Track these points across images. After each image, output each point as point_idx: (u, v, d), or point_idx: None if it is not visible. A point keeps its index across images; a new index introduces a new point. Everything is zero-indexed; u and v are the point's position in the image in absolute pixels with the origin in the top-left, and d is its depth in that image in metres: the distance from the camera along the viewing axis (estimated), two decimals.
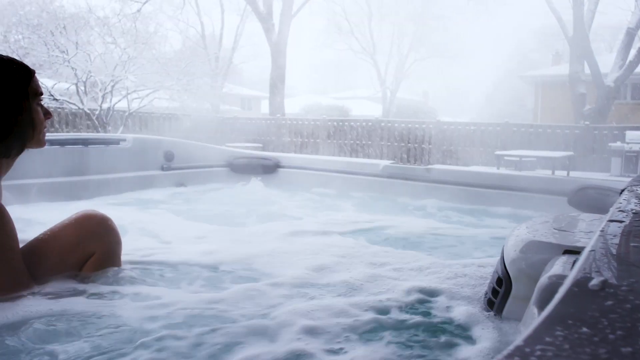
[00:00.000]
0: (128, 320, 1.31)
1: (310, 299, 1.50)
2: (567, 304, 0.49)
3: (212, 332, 1.27)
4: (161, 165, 4.11)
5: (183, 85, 13.69)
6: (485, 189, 3.62)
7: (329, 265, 1.83)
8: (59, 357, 1.13)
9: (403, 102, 30.81)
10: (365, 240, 2.32)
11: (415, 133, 12.73)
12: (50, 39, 11.37)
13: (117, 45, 12.55)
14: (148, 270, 1.71)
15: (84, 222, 1.57)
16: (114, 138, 3.92)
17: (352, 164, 4.27)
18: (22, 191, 3.02)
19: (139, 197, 3.63)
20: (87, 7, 13.38)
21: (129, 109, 12.31)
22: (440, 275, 1.70)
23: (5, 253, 1.36)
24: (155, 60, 13.29)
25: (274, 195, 3.89)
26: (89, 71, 11.34)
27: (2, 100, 1.39)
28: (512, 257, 1.35)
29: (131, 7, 15.99)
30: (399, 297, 1.51)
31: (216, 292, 1.54)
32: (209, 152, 4.50)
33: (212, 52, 21.62)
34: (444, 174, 3.79)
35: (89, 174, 3.58)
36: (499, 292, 1.38)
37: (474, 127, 12.14)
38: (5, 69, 1.42)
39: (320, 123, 14.05)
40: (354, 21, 30.94)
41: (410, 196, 3.76)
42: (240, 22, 23.73)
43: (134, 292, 1.51)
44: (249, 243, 2.17)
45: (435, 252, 2.02)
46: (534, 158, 9.12)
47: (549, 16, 16.43)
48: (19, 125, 1.44)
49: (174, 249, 1.98)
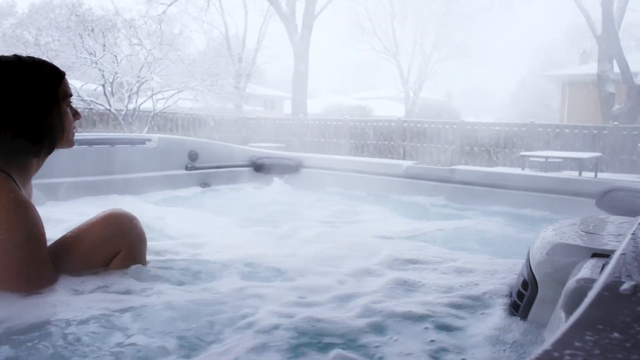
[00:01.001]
0: (152, 318, 1.32)
1: (333, 298, 1.50)
2: (597, 309, 0.48)
3: (235, 330, 1.28)
4: (185, 165, 4.16)
5: (207, 86, 13.84)
6: (510, 190, 3.57)
7: (352, 265, 1.83)
8: (83, 351, 1.15)
9: (426, 102, 30.55)
10: (387, 241, 2.31)
11: (438, 133, 12.62)
12: (79, 41, 11.62)
13: (142, 46, 12.75)
14: (173, 269, 1.74)
15: (111, 220, 1.59)
16: (139, 138, 3.98)
17: (374, 165, 4.26)
18: (52, 190, 3.10)
19: (163, 196, 3.68)
20: (114, 9, 13.64)
21: (154, 109, 12.50)
22: (464, 278, 1.68)
23: (32, 248, 1.39)
24: (180, 61, 13.46)
25: (296, 195, 3.90)
26: (116, 72, 11.56)
27: (33, 101, 1.43)
28: (539, 260, 1.33)
29: (157, 9, 16.27)
30: (422, 299, 1.50)
31: (240, 290, 1.55)
32: (233, 152, 4.53)
33: (235, 52, 21.81)
34: (468, 175, 3.75)
35: (116, 173, 3.65)
36: (524, 295, 1.36)
37: (499, 128, 11.97)
38: (36, 71, 1.45)
39: (342, 123, 14.03)
40: (376, 21, 30.83)
41: (433, 197, 3.73)
42: (263, 22, 23.87)
43: (159, 290, 1.53)
44: (272, 242, 2.18)
45: (459, 254, 2.00)
46: (560, 159, 8.94)
47: (577, 14, 16.11)
48: (49, 125, 1.48)
49: (198, 248, 2.00)
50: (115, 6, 13.83)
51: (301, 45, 18.61)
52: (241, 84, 19.15)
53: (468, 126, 12.40)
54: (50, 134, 1.49)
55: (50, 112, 1.47)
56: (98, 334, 1.23)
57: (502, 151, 11.75)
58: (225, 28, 23.42)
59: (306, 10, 18.82)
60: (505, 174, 3.73)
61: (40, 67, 1.47)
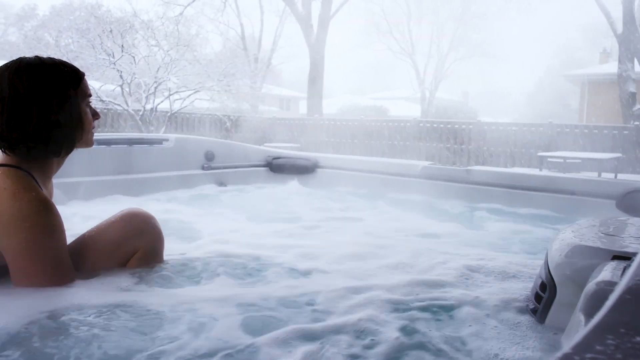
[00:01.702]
0: (169, 316, 1.33)
1: (354, 295, 1.49)
2: (619, 312, 0.47)
3: (252, 330, 1.29)
4: (202, 165, 4.19)
5: (223, 86, 13.93)
6: (527, 191, 3.53)
7: (369, 266, 1.82)
8: (99, 348, 1.16)
9: (442, 102, 30.34)
10: (404, 242, 2.30)
11: (454, 134, 12.53)
12: (98, 42, 11.78)
13: (160, 47, 12.89)
14: (190, 268, 1.75)
15: (129, 219, 1.61)
16: (157, 138, 4.02)
17: (390, 165, 4.24)
18: (72, 189, 3.14)
19: (180, 195, 3.71)
20: (132, 11, 13.80)
21: (171, 109, 12.62)
22: (480, 279, 1.67)
23: (52, 245, 1.41)
24: (196, 61, 13.57)
25: (312, 195, 3.90)
26: (134, 73, 11.70)
27: (53, 101, 1.45)
28: (557, 262, 1.31)
29: (174, 11, 16.43)
30: (437, 300, 1.49)
31: (258, 289, 1.56)
32: (249, 152, 4.55)
33: (251, 53, 21.91)
34: (485, 176, 3.72)
35: (134, 173, 3.69)
36: (542, 297, 1.34)
37: (516, 128, 11.84)
38: (56, 72, 1.48)
39: (358, 123, 14.01)
40: (392, 21, 30.73)
41: (450, 198, 3.70)
42: (279, 23, 23.97)
43: (176, 288, 1.54)
44: (290, 241, 2.19)
45: (475, 255, 1.98)
46: (579, 160, 8.81)
47: (597, 13, 15.85)
48: (69, 125, 1.50)
49: (215, 247, 2.01)
50: (133, 8, 14.00)
51: (317, 46, 18.63)
52: (257, 85, 19.23)
53: (485, 126, 12.28)
54: (70, 134, 1.51)
55: (70, 112, 1.49)
56: (115, 331, 1.24)
57: (519, 152, 11.62)
58: (242, 29, 23.55)
59: (322, 11, 18.83)
60: (522, 175, 3.69)
61: (60, 68, 1.49)
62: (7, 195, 1.35)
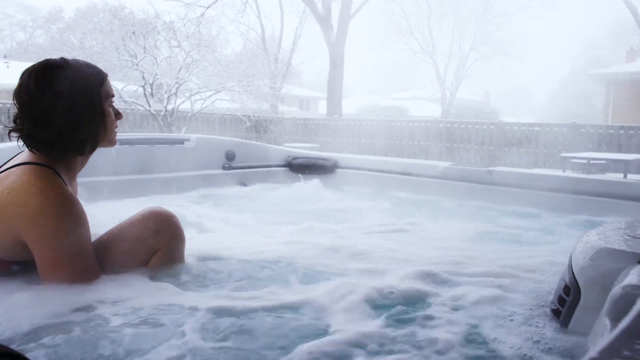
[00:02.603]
0: (190, 315, 1.35)
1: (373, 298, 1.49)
2: None
3: (272, 330, 1.29)
4: (223, 165, 4.22)
5: (243, 87, 14.02)
6: (550, 193, 3.47)
7: (388, 266, 1.81)
8: (120, 345, 1.18)
9: (463, 102, 30.07)
10: (423, 243, 2.29)
11: (475, 134, 12.40)
12: (121, 44, 11.97)
13: (181, 48, 13.04)
14: (210, 267, 1.76)
15: (151, 218, 1.63)
16: (178, 138, 4.07)
17: (410, 165, 4.21)
18: (95, 188, 3.20)
19: (201, 195, 3.74)
20: (154, 12, 13.98)
21: (192, 109, 12.76)
22: (503, 282, 1.64)
23: (77, 242, 1.44)
24: (217, 62, 13.69)
25: (332, 195, 3.90)
26: (156, 74, 11.85)
27: (77, 101, 1.48)
28: (582, 265, 1.29)
29: (195, 12, 16.59)
30: (458, 302, 1.47)
31: (277, 290, 1.56)
32: (269, 152, 4.57)
33: (271, 53, 22.00)
34: (507, 177, 3.66)
35: (155, 172, 3.74)
36: (566, 301, 1.32)
37: (539, 128, 11.66)
38: (81, 73, 1.51)
39: (377, 124, 13.96)
40: (413, 21, 30.57)
41: (471, 199, 3.66)
42: (299, 23, 24.02)
43: (197, 288, 1.56)
44: (310, 242, 2.19)
45: (497, 257, 1.96)
46: (603, 161, 8.63)
47: (623, 10, 15.51)
48: (92, 125, 1.53)
49: (236, 247, 2.03)
50: (155, 9, 14.19)
51: (337, 46, 18.62)
52: (277, 85, 19.31)
53: (507, 127, 12.13)
54: (93, 133, 1.54)
55: (93, 112, 1.52)
56: (135, 328, 1.26)
57: (542, 152, 11.44)
58: (262, 29, 23.67)
59: (342, 11, 18.81)
60: (546, 176, 3.62)
61: (85, 69, 1.53)
62: (34, 192, 1.38)
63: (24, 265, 1.47)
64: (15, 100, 1.46)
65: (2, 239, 1.41)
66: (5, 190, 1.39)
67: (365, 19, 29.06)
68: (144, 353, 1.15)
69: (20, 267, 1.48)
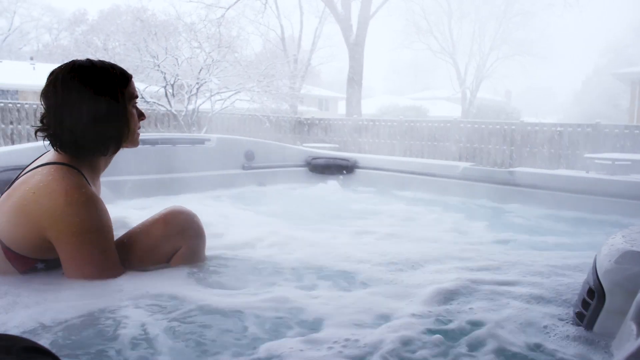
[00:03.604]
0: (210, 313, 1.36)
1: (395, 300, 1.48)
2: None
3: (290, 329, 1.30)
4: (242, 165, 4.25)
5: (263, 87, 14.10)
6: (574, 194, 3.41)
7: (409, 268, 1.80)
8: (142, 341, 1.20)
9: (483, 102, 29.74)
10: (443, 244, 2.27)
11: (496, 134, 12.24)
12: (143, 45, 12.14)
13: (202, 49, 13.17)
14: (230, 267, 1.77)
15: (172, 217, 1.65)
16: (199, 138, 4.11)
17: (430, 166, 4.18)
18: (118, 187, 3.25)
19: (221, 194, 3.77)
20: (176, 14, 14.16)
21: (212, 110, 12.87)
22: (525, 284, 1.62)
23: (101, 240, 1.47)
24: (237, 63, 13.79)
25: (352, 196, 3.90)
26: (177, 74, 11.99)
27: (102, 102, 1.51)
28: (606, 268, 1.26)
29: (216, 13, 16.74)
30: (480, 305, 1.46)
31: (296, 290, 1.57)
32: (288, 152, 4.59)
33: (291, 54, 22.07)
34: (529, 178, 3.61)
35: (177, 172, 3.79)
36: (590, 304, 1.29)
37: (561, 129, 11.46)
38: (106, 74, 1.54)
39: (397, 124, 13.89)
40: (433, 20, 30.36)
41: (492, 200, 3.62)
42: (318, 24, 24.06)
43: (217, 287, 1.57)
44: (329, 242, 2.19)
45: (519, 259, 1.93)
46: (629, 162, 8.43)
47: None
48: (117, 125, 1.56)
49: (255, 246, 2.04)
50: (177, 11, 14.39)
51: (356, 46, 18.58)
52: (296, 85, 19.35)
53: (528, 127, 11.95)
54: (118, 134, 1.57)
55: (118, 113, 1.55)
56: (156, 325, 1.27)
57: (565, 153, 11.25)
58: (281, 30, 23.76)
59: (361, 11, 18.76)
60: (568, 177, 3.56)
61: (110, 71, 1.55)
62: (59, 191, 1.41)
63: (48, 263, 1.51)
64: (42, 100, 1.49)
65: (28, 237, 1.44)
66: (31, 189, 1.43)
67: (385, 19, 29.03)
68: (164, 349, 1.17)
69: (45, 265, 1.51)
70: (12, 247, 1.45)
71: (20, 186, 1.47)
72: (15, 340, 0.75)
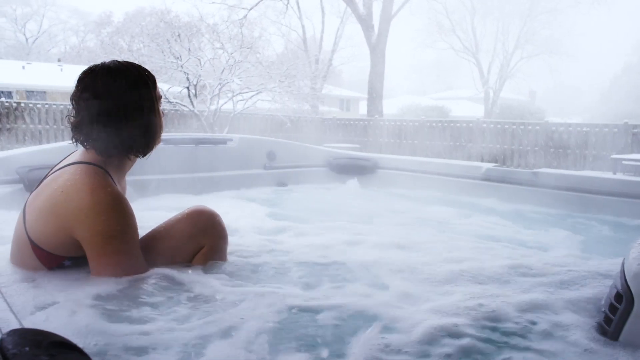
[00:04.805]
0: (231, 312, 1.37)
1: (415, 302, 1.48)
2: None
3: (314, 329, 1.30)
4: (264, 165, 4.27)
5: (284, 88, 14.16)
6: (600, 196, 3.34)
7: (430, 270, 1.79)
8: (165, 338, 1.21)
9: (507, 102, 29.31)
10: (465, 247, 2.24)
11: (520, 135, 12.06)
12: (166, 46, 12.31)
13: (224, 50, 13.29)
14: (252, 266, 1.78)
15: (195, 217, 1.67)
16: (221, 138, 4.15)
17: (452, 166, 4.14)
18: (142, 186, 3.30)
19: (243, 194, 3.80)
20: (199, 15, 14.32)
21: (234, 110, 12.97)
22: (550, 288, 1.59)
23: (126, 238, 1.49)
24: (259, 63, 13.87)
25: (373, 196, 3.89)
26: (199, 75, 12.12)
27: (135, 103, 1.54)
28: (635, 272, 1.23)
29: (238, 14, 16.87)
30: (502, 309, 1.44)
31: (316, 289, 1.57)
32: (309, 152, 4.60)
33: (312, 54, 22.12)
34: (554, 179, 3.55)
35: (199, 172, 3.83)
36: (617, 309, 1.26)
37: (587, 129, 11.23)
38: (138, 75, 1.56)
39: (418, 124, 13.80)
40: (455, 19, 30.06)
41: (515, 202, 3.57)
42: (340, 24, 24.03)
43: (239, 285, 1.58)
44: (349, 243, 2.19)
45: (544, 262, 1.90)
46: None
47: None
48: (155, 127, 1.60)
49: (276, 246, 2.04)
50: (199, 12, 14.57)
51: (378, 46, 18.50)
52: (317, 85, 19.38)
53: (553, 127, 11.75)
54: (156, 134, 1.61)
55: (153, 114, 1.58)
56: (179, 323, 1.29)
57: (591, 154, 11.01)
58: (303, 30, 23.82)
59: (383, 11, 18.67)
60: (595, 178, 3.49)
61: (142, 71, 1.58)
62: (86, 191, 1.44)
63: (75, 261, 1.54)
64: (74, 102, 1.52)
65: (56, 235, 1.47)
66: (59, 188, 1.46)
67: (407, 18, 28.79)
68: (187, 348, 1.18)
69: (72, 262, 1.54)
70: (41, 245, 1.49)
71: (49, 185, 1.50)
72: (45, 335, 0.77)
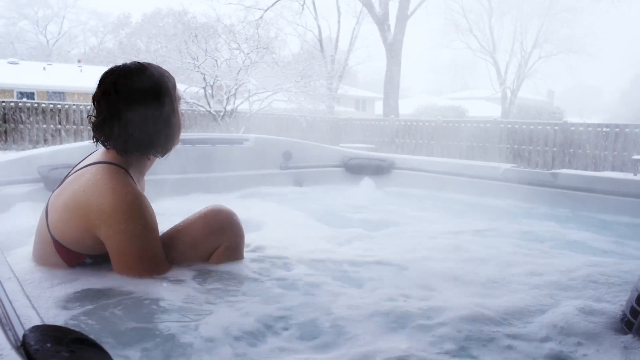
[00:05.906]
0: (248, 311, 1.37)
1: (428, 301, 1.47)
2: None
3: (331, 327, 1.30)
4: (280, 164, 4.28)
5: (300, 88, 14.19)
6: (620, 197, 3.28)
7: (448, 272, 1.78)
8: (182, 337, 1.23)
9: (524, 102, 29.00)
10: (484, 248, 2.22)
11: (538, 135, 11.92)
12: (184, 47, 12.42)
13: (241, 50, 13.36)
14: (269, 265, 1.79)
15: (212, 216, 1.68)
16: (238, 138, 4.17)
17: (469, 167, 4.11)
18: (159, 186, 3.33)
19: (259, 194, 3.81)
20: (215, 16, 14.42)
21: (250, 110, 13.04)
22: (570, 291, 1.57)
23: (148, 237, 1.51)
24: (275, 64, 13.93)
25: (389, 197, 3.87)
26: (216, 76, 12.22)
27: (157, 104, 1.56)
28: None
29: (254, 15, 16.96)
30: (522, 312, 1.42)
31: (332, 290, 1.57)
32: (325, 152, 4.60)
33: (328, 54, 22.12)
34: (573, 180, 3.50)
35: (216, 171, 3.85)
36: (639, 312, 1.24)
37: (607, 129, 11.05)
38: (160, 76, 1.58)
39: (435, 124, 13.72)
40: (472, 18, 29.83)
41: (534, 203, 3.52)
42: (356, 24, 23.99)
43: (255, 285, 1.59)
44: (365, 243, 2.18)
45: (564, 265, 1.87)
46: None
47: None
48: (171, 127, 1.62)
49: (292, 246, 2.05)
50: (216, 13, 14.69)
51: (394, 46, 18.44)
52: (333, 85, 19.38)
53: (572, 127, 11.58)
54: (174, 134, 1.63)
55: (173, 114, 1.60)
56: (198, 320, 1.30)
57: (611, 154, 10.83)
58: (319, 31, 23.83)
59: (399, 11, 18.61)
60: (615, 180, 3.43)
61: (163, 72, 1.60)
62: (107, 190, 1.46)
63: (96, 258, 1.56)
64: (96, 102, 1.54)
65: (78, 233, 1.50)
66: (81, 188, 1.48)
67: (423, 18, 28.62)
68: (205, 344, 1.19)
69: (93, 260, 1.56)
70: (63, 242, 1.51)
71: (70, 184, 1.53)
72: (66, 332, 0.78)
